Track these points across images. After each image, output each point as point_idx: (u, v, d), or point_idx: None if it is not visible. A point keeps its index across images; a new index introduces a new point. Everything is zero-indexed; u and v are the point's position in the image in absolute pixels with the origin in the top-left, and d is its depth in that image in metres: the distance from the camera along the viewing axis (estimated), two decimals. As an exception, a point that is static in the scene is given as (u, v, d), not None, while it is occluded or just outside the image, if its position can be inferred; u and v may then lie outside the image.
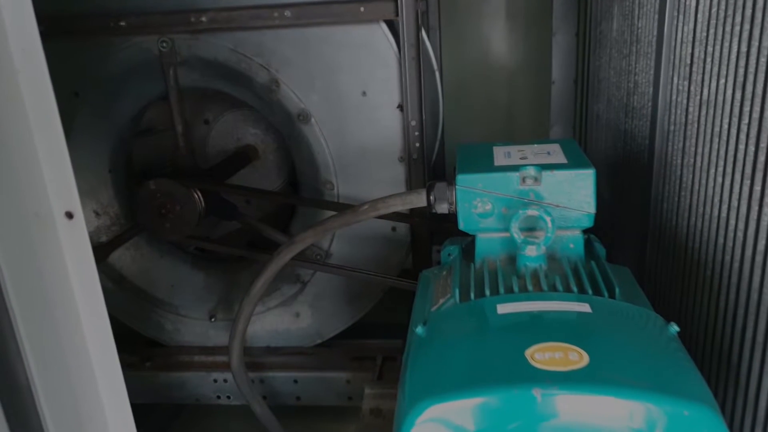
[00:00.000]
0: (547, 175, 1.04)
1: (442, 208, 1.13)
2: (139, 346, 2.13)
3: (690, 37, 1.32)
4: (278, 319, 1.98)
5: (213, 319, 2.00)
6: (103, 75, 1.79)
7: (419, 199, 1.15)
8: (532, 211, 0.99)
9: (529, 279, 0.96)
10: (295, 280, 1.91)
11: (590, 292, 0.92)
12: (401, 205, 1.17)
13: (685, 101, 1.36)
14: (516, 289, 0.93)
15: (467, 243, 1.24)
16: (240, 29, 1.68)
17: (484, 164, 1.10)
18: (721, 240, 1.22)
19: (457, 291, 0.98)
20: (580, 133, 2.46)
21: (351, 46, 1.68)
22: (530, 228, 1.03)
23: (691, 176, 1.35)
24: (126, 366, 1.97)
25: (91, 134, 1.87)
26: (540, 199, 1.05)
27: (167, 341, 2.10)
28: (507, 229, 1.05)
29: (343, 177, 1.80)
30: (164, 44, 1.69)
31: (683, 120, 1.38)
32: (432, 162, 2.21)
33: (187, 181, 1.74)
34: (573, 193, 1.04)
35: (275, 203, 2.07)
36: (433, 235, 1.86)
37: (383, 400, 1.57)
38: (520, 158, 1.12)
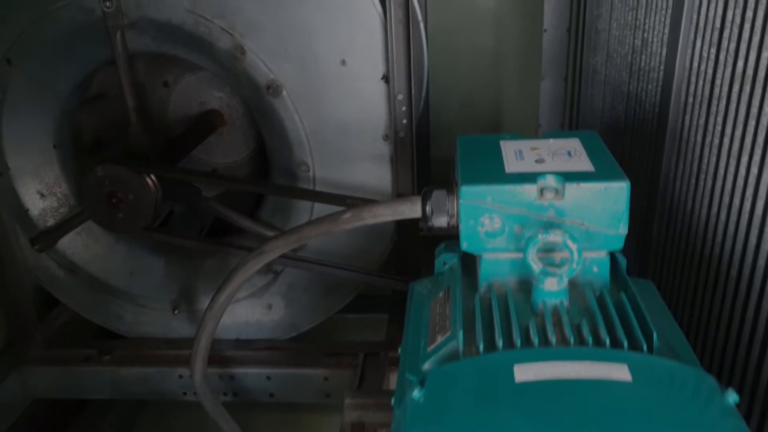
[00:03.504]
0: (571, 187, 0.85)
1: (441, 222, 0.94)
2: (96, 337, 1.95)
3: (722, -4, 1.12)
4: (249, 311, 1.80)
5: (176, 311, 1.81)
6: (39, 39, 1.53)
7: (412, 210, 0.95)
8: (553, 237, 0.81)
9: (550, 322, 0.78)
10: (267, 270, 1.72)
11: (625, 343, 0.75)
12: (390, 216, 0.98)
13: (710, 71, 1.18)
14: (535, 339, 0.76)
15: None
16: (198, -15, 1.44)
17: (493, 170, 0.91)
18: (753, 240, 1.07)
19: (460, 334, 0.80)
20: (573, 87, 2.29)
21: (328, 7, 1.44)
22: (548, 249, 0.85)
23: (714, 159, 1.18)
24: (83, 360, 1.84)
25: (29, 106, 1.64)
26: (561, 216, 0.86)
27: (127, 333, 1.91)
28: (519, 250, 0.87)
29: (319, 157, 1.58)
30: (108, 3, 1.44)
31: (707, 93, 1.20)
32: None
33: (140, 165, 1.51)
34: (602, 210, 0.85)
35: (245, 189, 1.86)
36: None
37: (365, 411, 1.41)
38: (536, 160, 0.93)
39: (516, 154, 0.96)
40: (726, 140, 1.14)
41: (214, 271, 1.79)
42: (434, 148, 2.33)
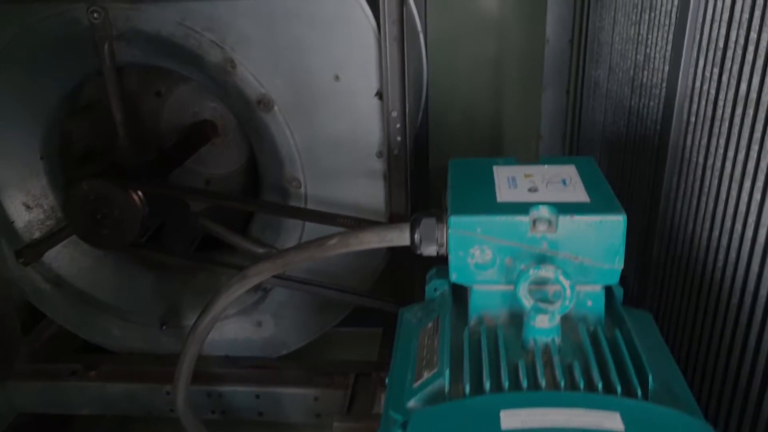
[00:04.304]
0: (564, 219, 0.82)
1: (430, 251, 0.91)
2: (82, 352, 1.91)
3: (726, 17, 1.09)
4: (238, 328, 1.77)
5: (164, 327, 1.77)
6: (25, 49, 1.50)
7: (401, 238, 0.92)
8: (545, 272, 0.77)
9: (540, 363, 0.75)
10: (256, 288, 1.69)
11: (619, 388, 0.71)
12: (378, 243, 0.94)
13: (713, 92, 1.15)
14: (524, 381, 0.72)
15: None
16: (188, -3, 1.41)
17: (484, 199, 0.87)
18: (755, 268, 1.03)
19: (447, 373, 0.77)
20: (575, 99, 2.25)
21: (322, 22, 1.41)
22: (541, 282, 0.82)
23: (716, 182, 1.15)
24: (69, 374, 1.80)
25: (15, 117, 1.60)
26: (555, 249, 0.83)
27: (115, 348, 1.87)
28: (510, 282, 0.84)
29: (311, 174, 1.55)
30: (96, 14, 1.40)
31: (710, 113, 1.16)
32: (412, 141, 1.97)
33: (127, 181, 1.48)
34: (597, 244, 0.82)
35: (235, 207, 1.82)
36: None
37: (355, 436, 1.38)
38: (529, 189, 0.90)
39: (509, 182, 0.93)
40: (728, 163, 1.11)
41: (204, 286, 1.76)
42: (434, 156, 2.31)
